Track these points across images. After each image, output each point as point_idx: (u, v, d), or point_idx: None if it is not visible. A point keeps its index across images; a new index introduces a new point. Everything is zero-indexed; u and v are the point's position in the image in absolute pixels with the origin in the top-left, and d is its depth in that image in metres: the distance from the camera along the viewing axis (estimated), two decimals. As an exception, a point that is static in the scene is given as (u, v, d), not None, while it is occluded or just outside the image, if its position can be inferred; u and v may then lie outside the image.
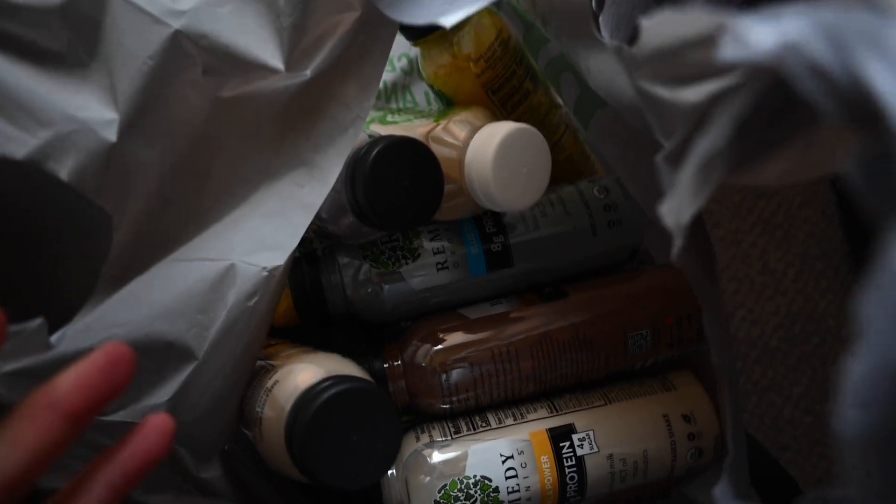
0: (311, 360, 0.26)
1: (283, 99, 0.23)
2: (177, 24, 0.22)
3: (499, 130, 0.28)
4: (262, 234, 0.26)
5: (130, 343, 0.26)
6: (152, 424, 0.18)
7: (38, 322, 0.22)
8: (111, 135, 0.21)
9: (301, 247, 0.36)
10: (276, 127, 0.24)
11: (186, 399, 0.27)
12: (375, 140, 0.26)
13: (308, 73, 0.23)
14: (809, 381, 0.79)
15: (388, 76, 0.39)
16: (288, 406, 0.24)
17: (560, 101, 0.36)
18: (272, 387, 0.26)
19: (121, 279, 0.24)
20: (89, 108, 0.20)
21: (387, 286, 0.32)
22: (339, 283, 0.33)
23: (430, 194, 0.27)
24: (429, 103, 0.39)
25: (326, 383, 0.23)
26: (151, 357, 0.26)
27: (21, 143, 0.19)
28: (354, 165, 0.26)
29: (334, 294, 0.33)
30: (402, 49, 0.39)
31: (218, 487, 0.30)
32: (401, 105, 0.39)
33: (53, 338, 0.23)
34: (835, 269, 0.85)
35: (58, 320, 0.23)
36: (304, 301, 0.33)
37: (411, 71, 0.39)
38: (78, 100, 0.20)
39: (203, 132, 0.23)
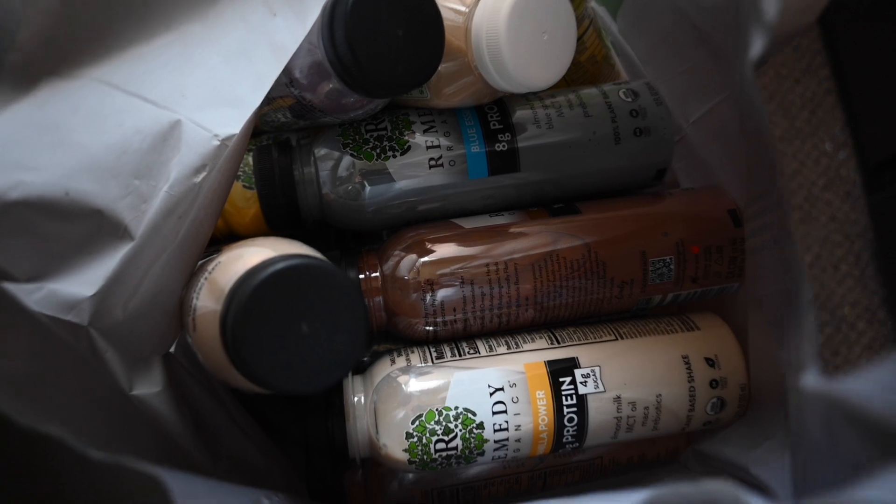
0: (264, 244, 0.21)
1: None
2: None
3: (515, -14, 0.23)
4: (219, 79, 0.21)
5: (47, 201, 0.21)
6: None
7: None
8: None
9: (273, 135, 0.31)
10: None
11: (119, 291, 0.22)
12: (362, -25, 0.21)
13: None
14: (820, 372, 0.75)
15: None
16: (227, 291, 0.19)
17: (587, -8, 0.31)
18: (213, 270, 0.21)
19: (31, 76, 0.19)
20: None
21: (370, 185, 0.27)
22: (314, 177, 0.28)
23: (427, 46, 0.22)
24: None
25: (272, 261, 0.18)
26: (75, 225, 0.21)
27: None
28: (334, 5, 0.21)
29: (307, 190, 0.28)
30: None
31: (155, 408, 0.25)
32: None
33: None
34: (856, 255, 0.80)
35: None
36: (272, 197, 0.28)
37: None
38: None
39: None
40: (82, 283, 0.22)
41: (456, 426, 0.25)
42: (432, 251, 0.27)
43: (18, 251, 0.19)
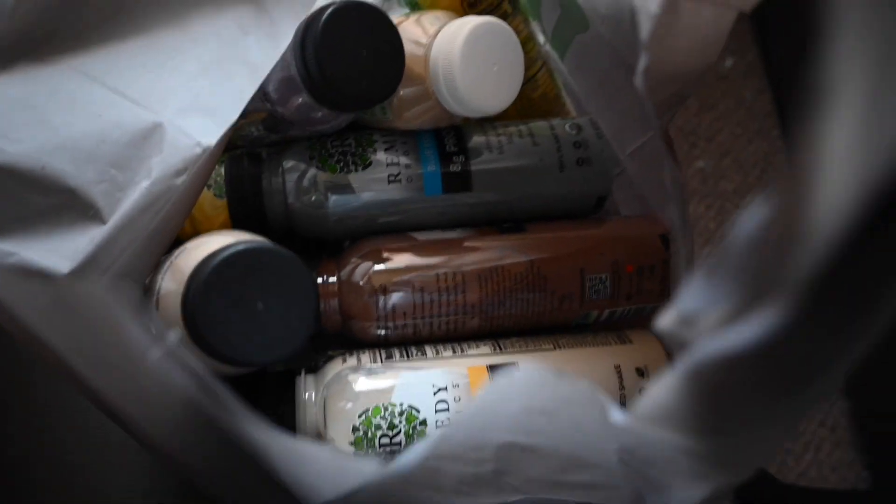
0: (227, 235, 0.23)
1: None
2: None
3: (467, 22, 0.26)
4: (198, 88, 0.23)
5: (23, 170, 0.22)
6: None
7: None
8: None
9: (246, 149, 0.33)
10: None
11: (90, 272, 0.24)
12: (330, 3, 0.24)
13: None
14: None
15: (365, -1, 0.37)
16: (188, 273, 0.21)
17: (540, 38, 0.35)
18: (177, 256, 0.23)
19: (9, 56, 0.21)
20: None
21: (333, 196, 0.30)
22: (281, 188, 0.30)
23: (389, 66, 0.24)
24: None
25: (231, 245, 0.20)
26: (49, 198, 0.23)
27: None
28: (306, 28, 0.24)
29: (274, 200, 0.30)
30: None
31: None
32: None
33: None
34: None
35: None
36: (240, 205, 0.30)
37: (390, -5, 0.37)
38: None
39: None
40: (57, 257, 0.23)
41: (400, 422, 0.27)
42: (387, 259, 0.29)
43: None
